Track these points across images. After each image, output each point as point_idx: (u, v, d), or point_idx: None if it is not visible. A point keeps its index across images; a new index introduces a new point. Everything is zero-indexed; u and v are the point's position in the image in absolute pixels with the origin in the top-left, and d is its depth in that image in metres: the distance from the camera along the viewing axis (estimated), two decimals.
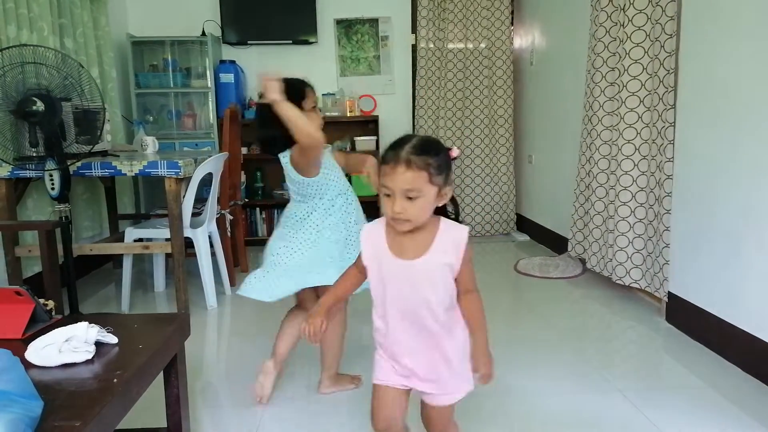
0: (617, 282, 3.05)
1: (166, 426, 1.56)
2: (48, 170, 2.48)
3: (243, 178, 4.35)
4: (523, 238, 4.66)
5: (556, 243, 4.13)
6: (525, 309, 3.09)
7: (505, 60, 4.70)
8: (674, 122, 2.62)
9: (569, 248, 3.63)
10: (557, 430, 1.83)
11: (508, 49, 4.69)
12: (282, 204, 4.12)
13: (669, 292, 2.69)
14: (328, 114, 4.63)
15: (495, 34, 4.66)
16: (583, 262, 3.56)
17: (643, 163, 2.90)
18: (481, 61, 4.70)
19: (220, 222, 3.39)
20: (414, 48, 4.81)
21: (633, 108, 2.90)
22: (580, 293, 3.28)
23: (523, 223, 4.84)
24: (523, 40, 4.74)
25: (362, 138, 4.65)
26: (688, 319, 2.56)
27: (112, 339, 1.35)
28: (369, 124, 4.74)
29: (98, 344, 1.31)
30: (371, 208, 5.21)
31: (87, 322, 1.32)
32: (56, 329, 1.30)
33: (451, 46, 4.70)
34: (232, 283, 3.42)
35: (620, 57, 2.93)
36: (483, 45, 4.68)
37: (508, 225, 4.94)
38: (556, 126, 4.13)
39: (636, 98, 2.88)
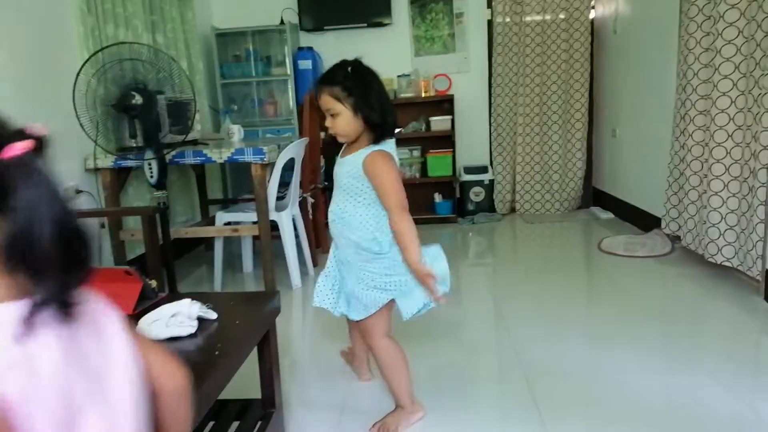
0: (709, 260, 2.90)
1: (260, 398, 1.67)
2: (147, 159, 2.67)
3: (322, 162, 4.47)
4: (607, 215, 4.50)
5: (642, 220, 3.97)
6: (610, 289, 3.01)
7: (582, 31, 4.53)
8: None
9: (663, 225, 3.48)
10: (644, 412, 1.79)
11: (586, 19, 4.52)
12: None
13: (767, 270, 2.53)
14: (402, 95, 4.66)
15: (573, 4, 4.49)
16: (677, 239, 3.40)
17: (737, 133, 2.73)
18: (559, 34, 4.55)
19: (302, 205, 3.52)
20: (490, 23, 4.72)
21: (727, 75, 2.72)
22: (669, 272, 3.15)
23: (607, 201, 4.68)
24: (605, 7, 4.54)
25: (437, 118, 4.64)
26: None
27: (212, 315, 1.45)
28: (444, 104, 4.72)
29: (200, 319, 1.42)
30: (446, 188, 5.13)
31: (190, 299, 1.43)
32: (162, 306, 1.42)
33: (528, 19, 4.57)
34: (315, 264, 3.55)
35: (714, 20, 2.76)
36: (561, 16, 4.53)
37: (583, 200, 4.86)
38: (643, 97, 3.94)
39: (731, 64, 2.71)
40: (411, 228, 1.58)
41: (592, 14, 4.59)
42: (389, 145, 1.66)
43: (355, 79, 1.60)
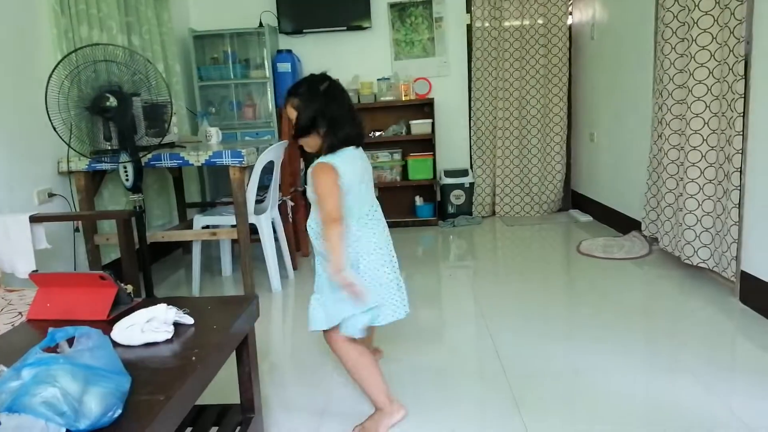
0: (686, 262, 2.95)
1: (239, 402, 1.65)
2: (122, 162, 2.63)
3: (302, 165, 4.44)
4: (586, 218, 4.55)
5: (620, 223, 4.01)
6: (589, 291, 3.03)
7: (561, 37, 4.58)
8: (744, 94, 2.49)
9: (642, 227, 3.53)
10: (627, 411, 1.80)
11: (564, 25, 4.57)
12: None
13: (743, 272, 2.57)
14: (382, 99, 4.65)
15: (551, 10, 4.54)
16: (655, 241, 3.45)
17: (712, 137, 2.78)
18: (538, 39, 4.60)
19: (281, 208, 3.49)
20: (469, 28, 4.74)
21: (701, 80, 2.77)
22: (647, 274, 3.18)
23: (586, 203, 4.73)
24: (583, 13, 4.59)
25: (417, 122, 4.65)
26: (765, 299, 2.45)
27: (189, 320, 1.42)
28: (424, 108, 4.73)
29: (176, 324, 1.39)
30: (426, 191, 5.14)
31: (165, 304, 1.40)
32: (138, 311, 1.39)
33: (507, 24, 4.61)
34: (295, 267, 3.52)
35: (689, 27, 2.80)
36: (540, 21, 4.57)
37: (561, 203, 4.92)
38: (620, 102, 3.99)
39: (705, 69, 2.76)
40: (335, 239, 1.63)
41: (569, 20, 4.64)
42: (339, 156, 1.67)
43: (312, 91, 1.66)
